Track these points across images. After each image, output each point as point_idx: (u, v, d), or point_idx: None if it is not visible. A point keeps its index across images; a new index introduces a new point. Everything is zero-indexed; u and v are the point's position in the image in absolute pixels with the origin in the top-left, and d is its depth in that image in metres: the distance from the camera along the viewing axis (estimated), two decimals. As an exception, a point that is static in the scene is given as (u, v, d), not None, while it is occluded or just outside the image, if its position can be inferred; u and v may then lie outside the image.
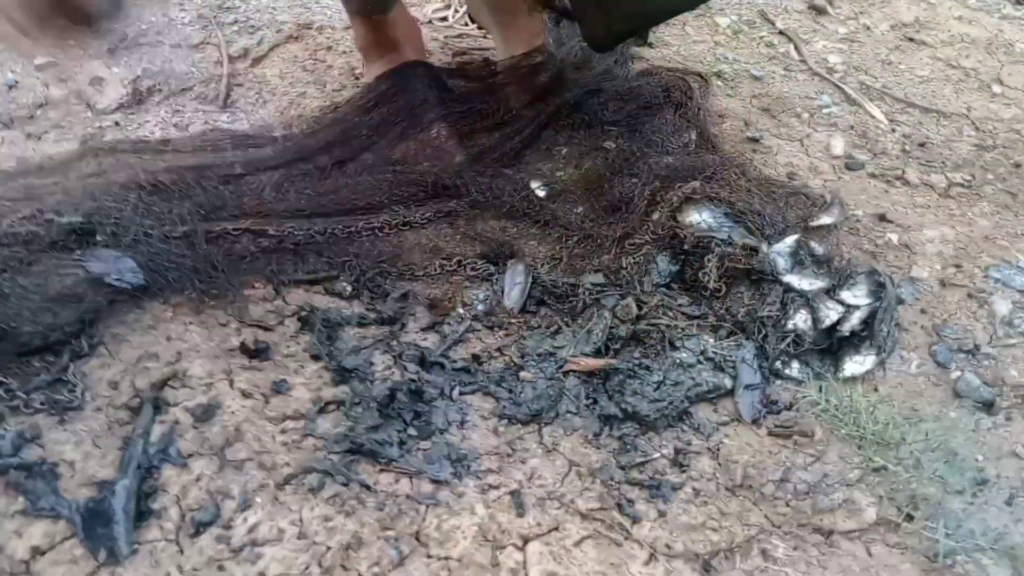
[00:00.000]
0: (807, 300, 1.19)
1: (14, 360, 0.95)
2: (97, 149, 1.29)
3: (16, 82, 1.47)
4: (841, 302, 1.19)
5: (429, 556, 0.87)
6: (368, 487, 0.93)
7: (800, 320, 1.16)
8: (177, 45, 1.65)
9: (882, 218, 1.47)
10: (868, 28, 2.10)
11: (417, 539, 0.89)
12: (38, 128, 1.40)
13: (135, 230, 1.05)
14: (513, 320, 1.20)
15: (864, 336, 1.18)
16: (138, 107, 1.49)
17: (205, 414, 0.95)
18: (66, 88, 1.48)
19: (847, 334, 1.17)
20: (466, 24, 1.92)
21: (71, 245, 1.05)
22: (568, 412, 1.08)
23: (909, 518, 0.99)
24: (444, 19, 1.94)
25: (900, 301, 1.27)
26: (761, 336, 1.17)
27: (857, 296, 1.21)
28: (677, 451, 1.04)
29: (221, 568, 0.81)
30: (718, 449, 1.05)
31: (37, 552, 0.81)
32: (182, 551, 0.83)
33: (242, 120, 1.51)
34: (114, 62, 1.55)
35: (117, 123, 1.43)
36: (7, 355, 0.95)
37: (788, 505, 0.99)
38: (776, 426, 1.09)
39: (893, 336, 1.21)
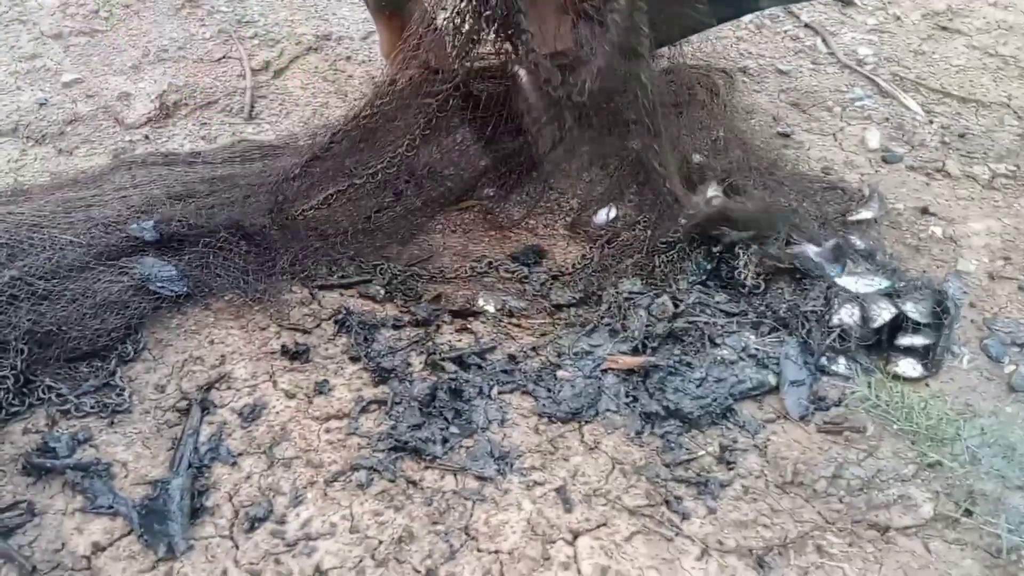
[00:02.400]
0: (855, 296, 1.22)
1: (63, 365, 1.01)
2: (130, 162, 1.35)
3: (46, 100, 1.54)
4: (898, 308, 1.21)
5: (479, 550, 0.91)
6: (415, 483, 0.97)
7: (846, 315, 1.19)
8: (200, 60, 1.72)
9: (924, 211, 1.50)
10: (898, 18, 2.13)
11: (467, 533, 0.93)
12: (69, 144, 1.47)
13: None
14: (547, 319, 1.25)
15: (920, 351, 1.20)
16: (165, 121, 1.56)
17: (252, 414, 1.00)
18: (94, 104, 1.55)
19: (905, 346, 1.19)
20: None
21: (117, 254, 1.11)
22: (608, 410, 1.12)
23: (968, 513, 1.00)
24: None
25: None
26: (805, 331, 1.20)
27: (920, 313, 1.21)
28: (723, 448, 1.07)
29: (278, 561, 0.86)
30: (766, 446, 1.08)
31: (98, 548, 0.86)
32: (237, 546, 0.88)
33: (267, 131, 1.58)
34: (139, 78, 1.62)
35: (146, 136, 1.50)
36: (57, 361, 1.01)
37: (842, 501, 1.01)
38: (825, 422, 1.12)
39: (949, 354, 1.22)
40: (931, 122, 1.76)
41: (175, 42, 1.73)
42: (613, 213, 1.44)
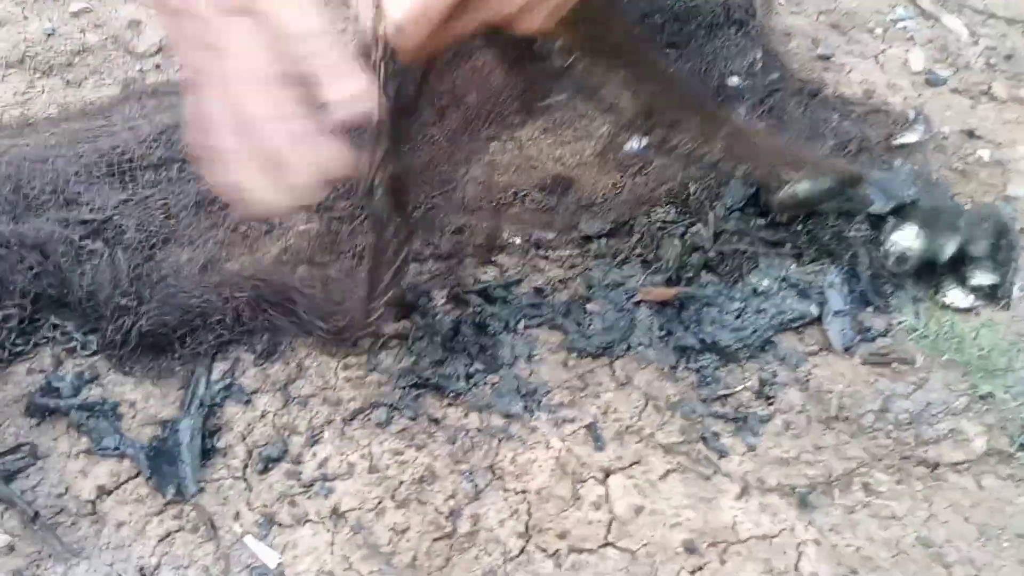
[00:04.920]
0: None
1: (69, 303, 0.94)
2: (139, 92, 1.27)
3: (54, 30, 1.45)
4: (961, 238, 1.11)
5: (506, 489, 0.85)
6: (437, 421, 0.90)
7: (904, 239, 1.10)
8: (213, -14, 1.62)
9: (971, 135, 1.39)
10: (943, -64, 1.98)
11: (492, 472, 0.86)
12: (77, 75, 1.38)
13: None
14: (576, 251, 1.16)
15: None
16: (177, 50, 1.46)
17: (266, 351, 0.93)
18: (103, 33, 1.46)
19: (974, 285, 1.10)
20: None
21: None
22: (640, 344, 1.04)
23: (1023, 448, 0.94)
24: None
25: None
26: (850, 257, 1.10)
27: (979, 245, 1.11)
28: (762, 383, 1.00)
29: (293, 503, 0.80)
30: (807, 380, 1.00)
31: (103, 491, 0.80)
32: (250, 488, 0.81)
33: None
34: (150, 4, 1.53)
35: (158, 65, 1.41)
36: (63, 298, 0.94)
37: (889, 437, 0.95)
38: (871, 354, 1.04)
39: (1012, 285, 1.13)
40: (976, 43, 1.64)
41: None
42: (645, 140, 1.33)
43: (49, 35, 1.44)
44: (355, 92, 0.55)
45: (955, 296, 1.10)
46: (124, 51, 1.44)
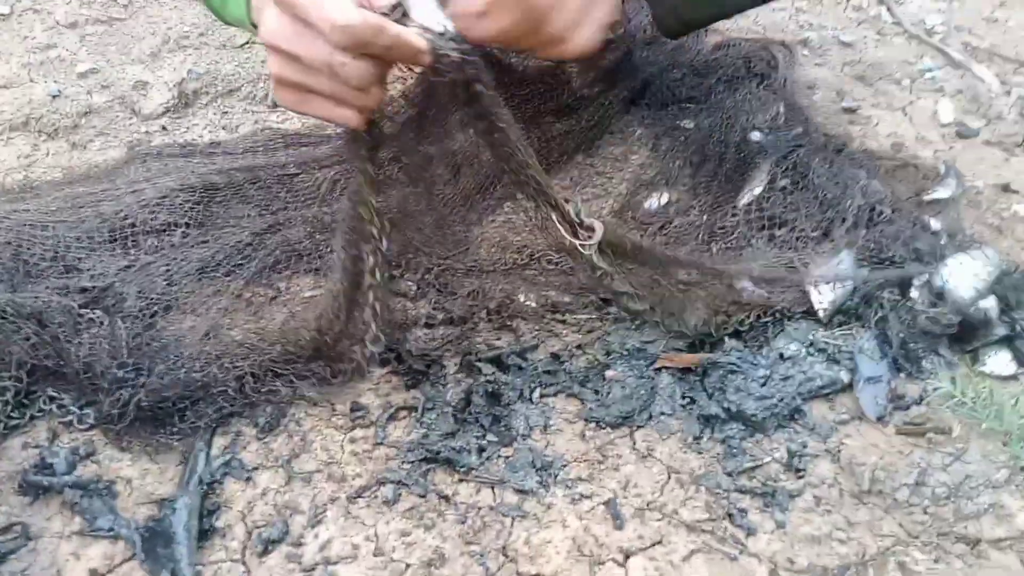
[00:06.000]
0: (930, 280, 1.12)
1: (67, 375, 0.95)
2: (144, 154, 1.30)
3: (60, 92, 1.50)
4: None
5: (519, 573, 0.83)
6: (447, 498, 0.89)
7: (928, 294, 1.09)
8: (222, 46, 1.66)
9: (1005, 188, 1.39)
10: (969, -16, 2.01)
11: (504, 554, 0.85)
12: (82, 137, 1.42)
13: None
14: (594, 314, 1.16)
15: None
16: (185, 110, 1.50)
17: (269, 424, 0.92)
18: (110, 95, 1.50)
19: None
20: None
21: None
22: (662, 413, 1.03)
23: None
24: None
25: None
26: (878, 319, 1.10)
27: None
28: (791, 454, 0.98)
29: (293, 589, 0.79)
30: (839, 451, 0.99)
31: (95, 575, 0.79)
32: (249, 572, 0.80)
33: (292, 119, 1.51)
34: (158, 66, 1.57)
35: (164, 127, 1.44)
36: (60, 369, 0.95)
37: (926, 512, 0.93)
38: (906, 423, 1.02)
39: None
40: (1008, 93, 1.65)
41: (196, 28, 1.68)
42: (665, 198, 1.34)
43: (55, 97, 1.48)
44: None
45: (996, 363, 1.09)
46: (130, 112, 1.48)
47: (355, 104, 0.81)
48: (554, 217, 1.00)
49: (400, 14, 0.76)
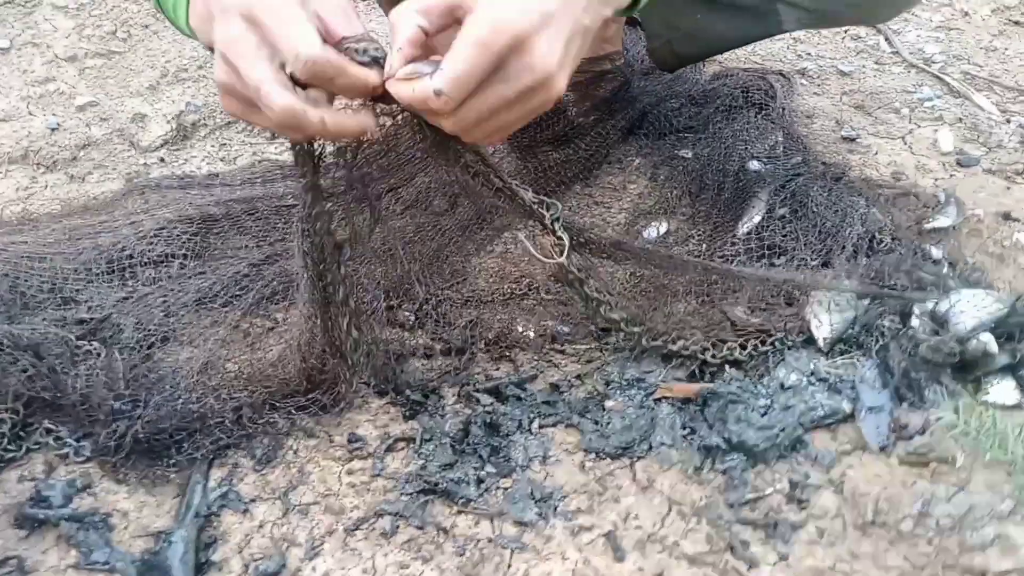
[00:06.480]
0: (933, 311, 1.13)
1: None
2: (143, 186, 1.32)
3: (58, 125, 1.52)
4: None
5: (518, 607, 0.84)
6: (445, 530, 0.90)
7: (927, 327, 1.10)
8: (220, 78, 1.69)
9: (1007, 217, 1.40)
10: (966, 14, 2.05)
11: (504, 587, 0.85)
12: (81, 170, 1.45)
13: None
14: (593, 344, 1.17)
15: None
16: (183, 142, 1.53)
17: (266, 456, 0.94)
18: (108, 128, 1.53)
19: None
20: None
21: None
22: (663, 444, 1.04)
23: None
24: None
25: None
26: (879, 348, 1.11)
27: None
28: (793, 485, 0.99)
29: (290, 623, 0.79)
30: (842, 482, 0.99)
31: (90, 610, 0.80)
32: (246, 606, 0.81)
33: (290, 151, 1.53)
34: (156, 99, 1.60)
35: (162, 159, 1.47)
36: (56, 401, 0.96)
37: (931, 544, 0.93)
38: (909, 453, 1.02)
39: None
40: (1008, 122, 1.68)
41: (195, 61, 1.71)
42: (664, 227, 1.36)
43: (53, 130, 1.51)
44: None
45: (1000, 392, 1.10)
46: (129, 145, 1.51)
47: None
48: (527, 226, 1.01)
49: (368, 59, 0.77)
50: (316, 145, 0.88)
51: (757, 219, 1.29)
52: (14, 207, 1.34)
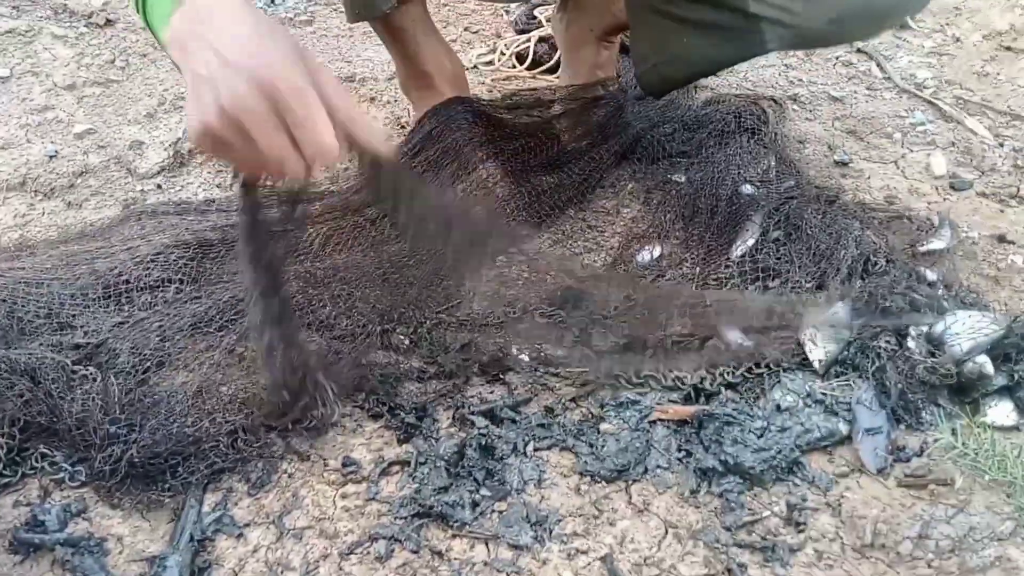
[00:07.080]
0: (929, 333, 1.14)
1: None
2: (139, 212, 1.33)
3: (56, 152, 1.54)
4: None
5: (515, 630, 0.84)
6: (440, 554, 0.90)
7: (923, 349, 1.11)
8: (218, 106, 1.71)
9: (1001, 239, 1.42)
10: (958, 39, 2.08)
11: (499, 612, 0.85)
12: (78, 197, 1.46)
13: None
14: (587, 368, 1.18)
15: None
16: (179, 169, 1.54)
17: (260, 480, 0.94)
18: (106, 155, 1.54)
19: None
20: (513, 66, 1.96)
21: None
22: (658, 467, 1.04)
23: None
24: (490, 63, 1.99)
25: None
26: (875, 369, 1.11)
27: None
28: (791, 507, 0.99)
29: (283, 648, 0.79)
30: (839, 504, 0.99)
31: (84, 634, 0.80)
32: (240, 630, 0.81)
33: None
34: (154, 126, 1.62)
35: (159, 186, 1.48)
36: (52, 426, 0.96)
37: (930, 566, 0.93)
38: (907, 475, 1.03)
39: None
40: (1001, 145, 1.70)
41: (192, 90, 1.73)
42: (657, 251, 1.37)
43: (51, 157, 1.53)
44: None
45: (998, 413, 1.10)
46: (126, 172, 1.53)
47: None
48: None
49: None
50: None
51: (751, 242, 1.30)
52: (12, 234, 1.35)
